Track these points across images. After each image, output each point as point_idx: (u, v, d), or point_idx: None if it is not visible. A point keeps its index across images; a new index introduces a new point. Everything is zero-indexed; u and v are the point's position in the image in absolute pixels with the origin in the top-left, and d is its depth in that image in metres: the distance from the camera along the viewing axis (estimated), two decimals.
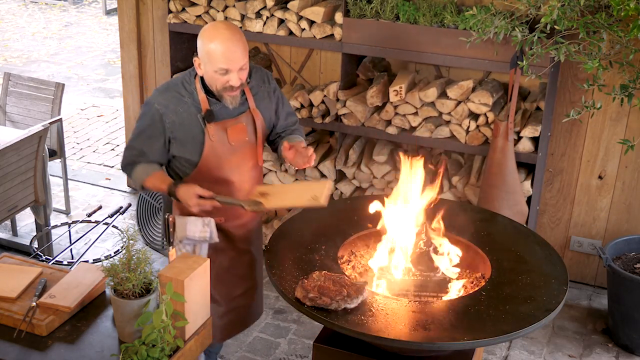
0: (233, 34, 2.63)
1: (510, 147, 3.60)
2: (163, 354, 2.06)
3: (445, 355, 2.71)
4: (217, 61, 2.62)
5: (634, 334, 3.69)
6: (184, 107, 2.73)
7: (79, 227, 4.67)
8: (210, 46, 2.62)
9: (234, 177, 2.83)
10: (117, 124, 6.85)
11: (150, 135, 2.76)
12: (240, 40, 2.64)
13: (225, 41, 2.61)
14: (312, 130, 4.43)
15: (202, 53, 2.66)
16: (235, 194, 2.85)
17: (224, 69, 2.63)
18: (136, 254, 2.17)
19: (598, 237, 4.16)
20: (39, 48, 9.42)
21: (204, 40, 2.65)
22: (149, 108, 2.75)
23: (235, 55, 2.62)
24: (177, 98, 2.73)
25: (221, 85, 2.67)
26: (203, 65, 2.68)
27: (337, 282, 2.47)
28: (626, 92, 3.16)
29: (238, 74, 2.65)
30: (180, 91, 2.75)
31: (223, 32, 2.63)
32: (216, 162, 2.78)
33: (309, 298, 2.42)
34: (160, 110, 2.72)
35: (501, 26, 3.28)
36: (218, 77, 2.65)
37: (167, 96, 2.74)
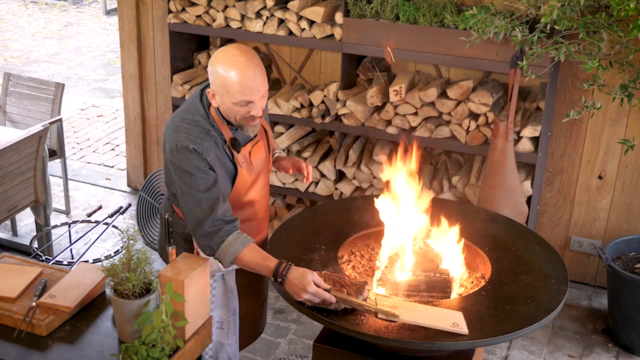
0: (250, 59, 2.39)
1: (510, 147, 3.60)
2: (163, 354, 2.06)
3: (445, 355, 2.71)
4: (236, 93, 2.37)
5: (634, 334, 3.69)
6: (212, 141, 2.46)
7: (79, 227, 4.67)
8: (226, 77, 2.37)
9: (256, 196, 2.69)
10: (117, 124, 6.85)
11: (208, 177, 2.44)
12: (258, 66, 2.40)
13: (243, 70, 2.36)
14: (312, 130, 4.43)
15: (217, 85, 2.40)
16: (257, 214, 2.73)
17: (245, 101, 2.40)
18: (136, 254, 2.17)
19: (598, 237, 4.16)
20: (39, 48, 9.42)
21: (218, 70, 2.39)
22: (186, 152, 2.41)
23: (255, 84, 2.38)
24: (204, 133, 2.45)
25: (241, 117, 2.44)
26: (219, 97, 2.43)
27: (337, 282, 2.46)
28: (626, 92, 3.16)
29: (259, 103, 2.43)
30: (204, 125, 2.47)
31: (238, 59, 2.37)
32: (244, 188, 2.61)
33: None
34: (198, 150, 2.41)
35: (501, 26, 3.28)
36: (237, 109, 2.42)
37: (197, 134, 2.44)
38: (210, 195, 2.42)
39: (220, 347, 2.85)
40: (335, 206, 3.30)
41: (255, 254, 2.45)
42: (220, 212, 2.43)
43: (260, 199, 2.72)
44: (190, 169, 2.42)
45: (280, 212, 4.61)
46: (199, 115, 2.48)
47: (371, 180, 4.12)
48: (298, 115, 4.19)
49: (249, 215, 2.69)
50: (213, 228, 2.42)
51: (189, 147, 2.41)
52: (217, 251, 2.44)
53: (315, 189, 4.28)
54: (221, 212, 2.44)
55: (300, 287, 2.37)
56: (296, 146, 4.25)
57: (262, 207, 2.77)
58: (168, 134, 2.49)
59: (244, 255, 2.43)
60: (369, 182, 4.13)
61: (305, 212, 3.20)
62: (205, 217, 2.42)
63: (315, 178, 4.24)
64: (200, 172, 2.42)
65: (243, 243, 2.44)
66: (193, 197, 2.43)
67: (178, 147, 2.42)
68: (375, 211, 2.84)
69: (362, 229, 2.95)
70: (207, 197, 2.42)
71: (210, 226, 2.42)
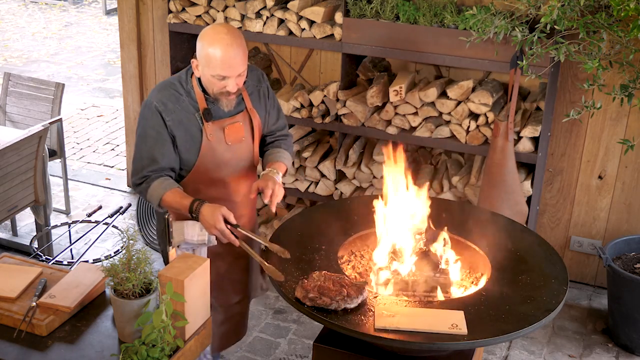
0: (234, 39, 2.57)
1: (510, 147, 3.60)
2: (163, 354, 2.06)
3: (445, 355, 2.71)
4: (216, 67, 2.57)
5: (634, 334, 3.69)
6: (181, 105, 2.68)
7: (79, 227, 4.67)
8: (209, 50, 2.57)
9: (230, 178, 2.80)
10: (117, 124, 6.85)
11: (157, 138, 2.68)
12: (240, 46, 2.59)
13: (226, 47, 2.55)
14: (312, 130, 4.43)
15: (201, 56, 2.61)
16: (232, 196, 2.82)
17: (222, 76, 2.59)
18: (136, 254, 2.17)
19: (598, 237, 4.16)
20: (39, 48, 9.42)
21: (204, 44, 2.59)
22: (148, 109, 2.68)
23: (235, 61, 2.57)
24: (175, 96, 2.68)
25: (218, 90, 2.64)
26: (201, 68, 2.63)
27: (337, 282, 2.47)
28: (626, 92, 3.16)
29: (235, 80, 2.61)
30: (178, 89, 2.69)
31: (224, 37, 2.56)
32: (213, 163, 2.74)
33: (309, 298, 2.42)
34: (159, 108, 2.66)
35: (501, 26, 3.28)
36: (215, 82, 2.61)
37: (165, 94, 2.68)
38: (150, 156, 2.67)
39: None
40: (335, 206, 3.30)
41: (176, 195, 2.65)
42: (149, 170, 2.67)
43: (237, 182, 2.82)
44: (146, 126, 2.69)
45: (280, 212, 4.61)
46: (178, 80, 2.72)
47: (371, 180, 4.12)
48: (298, 115, 4.19)
49: (222, 195, 2.79)
50: (141, 180, 2.70)
51: (152, 104, 2.67)
52: (147, 195, 2.69)
53: (315, 189, 4.28)
54: (150, 170, 2.68)
55: (211, 222, 2.58)
56: (296, 146, 4.25)
57: (240, 191, 2.84)
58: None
59: (166, 197, 2.65)
60: (369, 182, 4.13)
61: (305, 212, 3.20)
62: (137, 170, 2.70)
63: (315, 178, 4.24)
64: (152, 130, 2.66)
65: (166, 187, 2.66)
66: (137, 150, 2.71)
67: (146, 102, 2.70)
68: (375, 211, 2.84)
69: (362, 229, 2.95)
70: (147, 156, 2.67)
71: (139, 178, 2.70)
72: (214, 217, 2.58)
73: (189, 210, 2.62)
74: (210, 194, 2.76)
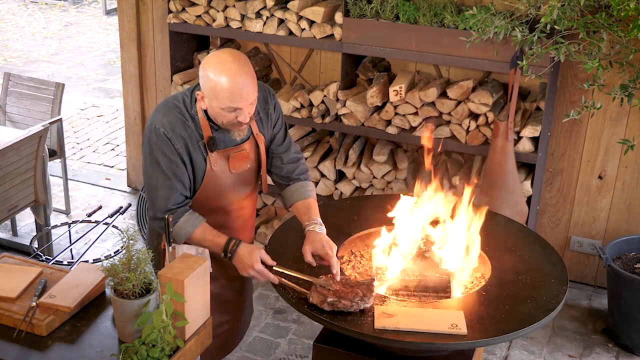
0: (241, 66, 2.40)
1: (510, 147, 3.60)
2: (163, 354, 2.06)
3: (445, 355, 2.71)
4: (224, 99, 2.39)
5: (634, 334, 3.69)
6: (188, 132, 2.51)
7: (79, 227, 4.67)
8: (216, 82, 2.39)
9: (232, 205, 2.68)
10: (117, 124, 6.85)
11: (169, 164, 2.50)
12: (249, 74, 2.41)
13: (234, 77, 2.38)
14: (312, 130, 4.43)
15: (207, 88, 2.43)
16: (231, 222, 2.71)
17: (233, 107, 2.41)
18: (136, 254, 2.17)
19: (598, 237, 4.16)
20: (39, 48, 9.42)
21: (209, 75, 2.40)
22: (156, 135, 2.49)
23: (245, 91, 2.40)
24: (181, 120, 2.50)
25: (228, 122, 2.47)
26: (208, 101, 2.45)
27: (347, 283, 2.44)
28: (626, 92, 3.16)
29: (247, 110, 2.45)
30: (183, 113, 2.51)
31: (230, 66, 2.39)
32: (216, 192, 2.61)
33: (328, 303, 2.37)
34: (168, 135, 2.48)
35: (501, 26, 3.28)
36: (225, 114, 2.44)
37: (171, 118, 2.50)
38: (168, 185, 2.51)
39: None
40: (335, 206, 3.30)
41: (206, 233, 2.54)
42: (173, 201, 2.52)
43: (237, 209, 2.70)
44: (156, 153, 2.50)
45: (281, 212, 4.61)
46: (183, 103, 2.54)
47: (371, 180, 4.12)
48: (298, 115, 4.19)
49: (222, 223, 2.66)
50: (165, 214, 2.50)
51: (159, 130, 2.49)
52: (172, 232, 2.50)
53: (315, 189, 4.27)
54: (174, 202, 2.53)
55: (248, 263, 2.49)
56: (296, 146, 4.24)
57: (240, 218, 2.74)
58: (152, 114, 2.58)
59: (195, 236, 2.54)
60: (368, 182, 4.13)
61: None
62: (159, 205, 2.53)
63: (315, 178, 4.24)
64: (164, 158, 2.49)
65: (194, 224, 2.54)
66: (152, 181, 2.53)
67: (152, 127, 2.51)
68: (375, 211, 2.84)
69: (362, 229, 2.95)
70: (165, 185, 2.51)
71: (162, 212, 2.53)
72: (251, 259, 2.49)
73: (224, 250, 2.52)
74: (209, 220, 2.61)
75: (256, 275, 2.51)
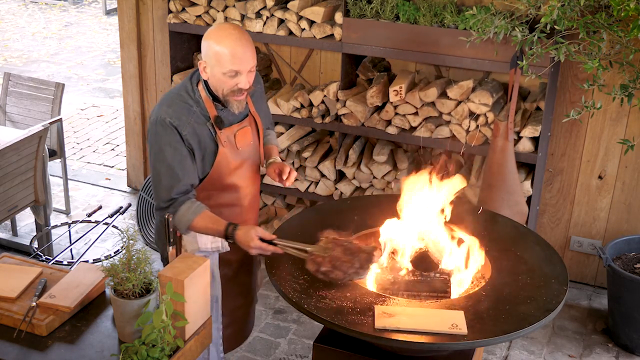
0: (242, 34, 2.55)
1: (510, 147, 3.60)
2: (163, 354, 2.06)
3: (445, 355, 2.71)
4: (227, 63, 2.51)
5: (634, 334, 3.69)
6: (194, 117, 2.59)
7: (79, 227, 4.67)
8: (218, 48, 2.51)
9: (241, 182, 2.78)
10: (117, 124, 6.85)
11: (175, 154, 2.57)
12: (249, 41, 2.55)
13: (235, 41, 2.51)
14: (312, 130, 4.43)
15: (209, 56, 2.55)
16: (241, 200, 2.80)
17: (234, 71, 2.53)
18: (136, 254, 2.17)
19: (598, 237, 4.16)
20: (39, 48, 9.42)
21: (211, 42, 2.54)
22: (161, 126, 2.57)
23: (246, 55, 2.53)
24: (186, 108, 2.59)
25: (229, 89, 2.57)
26: (209, 69, 2.56)
27: (348, 249, 2.42)
28: (626, 92, 3.16)
29: (247, 76, 2.56)
30: (187, 100, 2.61)
31: (231, 32, 2.53)
32: (227, 169, 2.69)
33: (321, 272, 2.37)
34: (174, 123, 2.55)
35: (501, 26, 3.28)
36: (226, 80, 2.55)
37: (176, 108, 2.59)
38: (172, 174, 2.58)
39: None
40: (335, 206, 3.30)
41: (207, 220, 2.61)
42: (176, 191, 2.59)
43: (246, 186, 2.80)
44: (161, 143, 2.57)
45: (280, 212, 4.61)
46: (185, 90, 2.63)
47: (371, 180, 4.12)
48: (298, 115, 4.19)
49: (233, 201, 2.77)
50: (168, 203, 2.61)
51: (165, 120, 2.56)
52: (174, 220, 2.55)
53: (315, 189, 4.28)
54: (176, 191, 2.59)
55: (246, 243, 2.57)
56: (296, 146, 4.25)
57: (248, 195, 2.83)
58: (155, 108, 2.65)
59: (196, 223, 2.61)
60: (368, 182, 4.13)
61: (305, 212, 3.20)
62: (162, 194, 2.61)
63: (315, 178, 4.24)
64: (169, 147, 2.56)
65: (195, 212, 2.60)
66: (156, 171, 2.60)
67: (157, 119, 2.58)
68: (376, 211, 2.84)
69: (362, 229, 2.95)
70: (168, 175, 2.58)
71: (165, 202, 2.61)
72: (248, 238, 2.57)
73: (224, 235, 2.61)
74: (221, 200, 2.74)
75: (259, 252, 2.59)
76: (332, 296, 2.49)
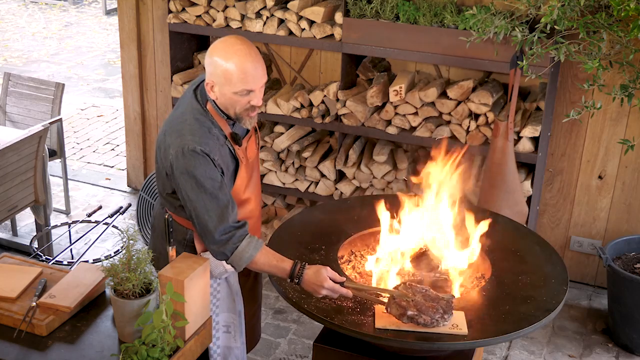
0: (249, 48, 2.37)
1: (510, 147, 3.60)
2: (163, 354, 2.06)
3: (445, 355, 2.71)
4: (238, 82, 2.35)
5: (634, 334, 3.69)
6: (217, 140, 2.43)
7: (79, 227, 4.67)
8: (227, 66, 2.34)
9: (253, 194, 2.65)
10: (117, 124, 6.85)
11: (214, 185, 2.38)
12: (258, 55, 2.38)
13: (244, 57, 2.34)
14: (312, 130, 4.43)
15: (217, 75, 2.37)
16: (254, 212, 2.69)
17: (246, 90, 2.37)
18: (136, 254, 2.17)
19: (598, 237, 4.16)
20: (39, 48, 9.42)
21: (218, 60, 2.36)
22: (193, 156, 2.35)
23: (257, 72, 2.37)
24: (207, 132, 2.41)
25: (241, 108, 2.42)
26: (218, 88, 2.39)
27: (427, 295, 2.37)
28: (626, 92, 3.16)
29: (259, 93, 2.41)
30: (205, 124, 2.42)
31: (239, 47, 2.35)
32: (243, 184, 2.57)
33: (408, 316, 2.31)
34: (205, 150, 2.36)
35: (501, 26, 3.28)
36: (238, 99, 2.39)
37: (200, 134, 2.39)
38: (218, 203, 2.38)
39: (229, 351, 2.77)
40: (335, 206, 3.30)
41: (270, 256, 2.47)
42: (231, 219, 2.41)
43: (255, 197, 2.69)
44: (198, 175, 2.36)
45: (280, 212, 4.61)
46: (199, 113, 2.44)
47: (371, 180, 4.12)
48: (298, 115, 4.19)
49: (247, 214, 2.64)
50: (225, 236, 2.40)
51: (196, 149, 2.35)
52: (231, 257, 2.43)
53: (315, 189, 4.28)
54: (232, 219, 2.42)
55: (317, 284, 2.40)
56: (296, 146, 4.25)
57: (257, 206, 2.73)
58: (171, 139, 2.41)
59: (258, 259, 2.45)
60: (368, 182, 4.13)
61: (305, 212, 3.20)
62: (215, 226, 2.39)
63: (315, 178, 4.24)
64: (207, 178, 2.37)
65: (256, 247, 2.44)
66: (201, 205, 2.38)
67: (184, 151, 2.36)
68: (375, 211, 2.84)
69: (362, 229, 2.96)
70: (215, 204, 2.38)
71: (221, 234, 2.40)
72: (320, 279, 2.41)
73: (290, 275, 2.45)
74: (241, 214, 2.59)
75: (329, 294, 2.43)
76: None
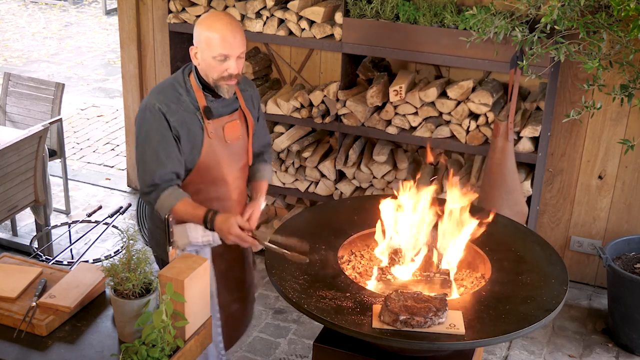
0: (232, 20, 2.62)
1: (510, 147, 3.60)
2: (163, 354, 2.06)
3: (445, 355, 2.71)
4: (217, 47, 2.57)
5: (634, 334, 3.69)
6: (183, 105, 2.65)
7: (79, 227, 4.67)
8: (209, 33, 2.58)
9: (229, 176, 2.80)
10: (117, 124, 6.85)
11: (161, 140, 2.63)
12: (239, 27, 2.62)
13: (225, 26, 2.58)
14: (312, 130, 4.43)
15: (200, 40, 2.61)
16: (231, 194, 2.83)
17: (224, 55, 2.58)
18: (136, 254, 2.17)
19: (598, 237, 4.16)
20: (39, 48, 9.42)
21: (203, 28, 2.61)
22: (150, 111, 2.63)
23: (236, 40, 2.59)
24: (175, 97, 2.66)
25: (218, 74, 2.62)
26: (200, 54, 2.62)
27: (418, 298, 2.39)
28: (626, 92, 3.16)
29: (237, 62, 2.61)
30: (177, 89, 2.67)
31: (222, 18, 2.61)
32: (214, 161, 2.73)
33: (401, 321, 2.32)
34: (162, 109, 2.61)
35: (501, 26, 3.28)
36: (216, 65, 2.60)
37: (166, 95, 2.65)
38: (156, 159, 2.63)
39: None
40: (335, 206, 3.30)
41: (188, 205, 2.65)
42: (158, 176, 2.63)
43: (234, 180, 2.83)
44: (148, 128, 2.63)
45: (280, 212, 4.61)
46: (176, 80, 2.70)
47: (371, 180, 4.12)
48: (298, 115, 4.19)
49: (222, 194, 2.80)
50: (150, 188, 2.66)
51: (155, 106, 2.62)
52: (155, 205, 2.67)
53: (315, 189, 4.28)
54: (159, 177, 2.63)
55: (225, 230, 2.60)
56: (296, 146, 4.25)
57: (237, 189, 2.86)
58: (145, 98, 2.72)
59: (178, 208, 2.64)
60: (368, 182, 4.13)
61: (305, 212, 3.20)
62: (146, 177, 2.67)
63: (315, 178, 4.24)
64: (156, 133, 2.62)
65: (177, 197, 2.64)
66: (141, 156, 2.66)
67: (147, 105, 2.64)
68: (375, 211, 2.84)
69: (362, 229, 2.95)
70: (153, 159, 2.63)
71: (148, 186, 2.67)
72: (228, 225, 2.59)
73: (203, 220, 2.63)
74: (210, 193, 2.77)
75: (237, 241, 2.62)
76: (332, 296, 2.49)
